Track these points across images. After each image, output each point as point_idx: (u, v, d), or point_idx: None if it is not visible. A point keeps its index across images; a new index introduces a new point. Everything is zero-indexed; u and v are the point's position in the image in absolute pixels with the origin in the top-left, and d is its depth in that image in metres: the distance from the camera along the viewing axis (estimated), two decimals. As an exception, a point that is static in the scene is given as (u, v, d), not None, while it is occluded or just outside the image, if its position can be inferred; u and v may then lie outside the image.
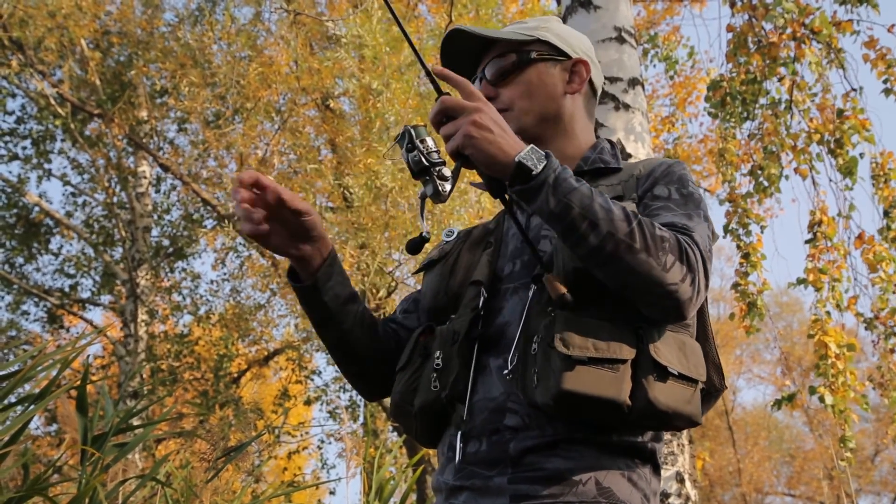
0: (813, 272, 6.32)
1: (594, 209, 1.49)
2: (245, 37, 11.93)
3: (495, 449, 1.59)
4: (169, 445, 11.76)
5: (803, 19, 6.43)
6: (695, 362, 1.59)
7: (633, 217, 1.51)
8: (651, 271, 1.48)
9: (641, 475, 1.60)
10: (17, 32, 12.24)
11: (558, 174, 1.50)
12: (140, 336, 13.77)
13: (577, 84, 1.85)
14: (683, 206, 1.65)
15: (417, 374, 1.72)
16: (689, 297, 1.51)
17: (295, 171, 12.75)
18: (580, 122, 1.87)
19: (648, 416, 1.52)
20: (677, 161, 1.76)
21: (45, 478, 3.02)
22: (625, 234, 1.48)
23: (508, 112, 1.79)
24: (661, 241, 1.50)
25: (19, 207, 15.07)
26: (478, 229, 1.87)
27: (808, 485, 28.13)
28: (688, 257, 1.52)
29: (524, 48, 1.84)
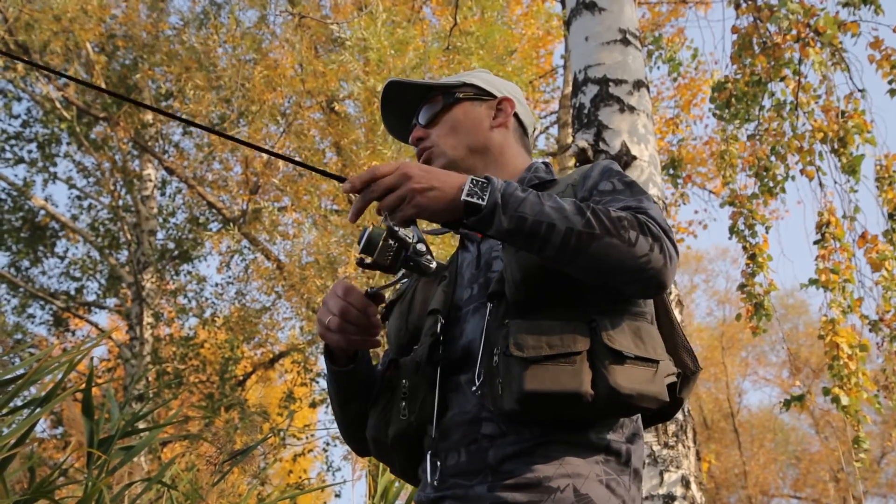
0: (825, 272, 6.30)
1: (546, 212, 1.53)
2: (250, 40, 11.95)
3: (475, 458, 1.62)
4: (174, 448, 11.77)
5: (808, 20, 6.42)
6: (651, 344, 1.62)
7: (586, 207, 1.56)
8: (620, 250, 1.53)
9: (620, 482, 1.62)
10: (22, 36, 12.27)
11: (504, 193, 1.55)
12: (145, 339, 13.78)
13: (502, 118, 1.95)
14: (630, 193, 1.71)
15: (388, 407, 1.77)
16: (662, 265, 1.56)
17: (300, 174, 12.76)
18: (511, 151, 1.96)
19: (614, 402, 1.54)
20: (609, 161, 1.84)
21: (51, 481, 3.03)
22: (583, 225, 1.52)
23: (435, 148, 1.91)
24: (618, 221, 1.54)
25: (25, 211, 15.09)
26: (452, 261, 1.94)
27: (813, 487, 28.07)
28: (649, 228, 1.56)
29: (451, 91, 1.96)
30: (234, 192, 13.47)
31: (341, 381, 1.83)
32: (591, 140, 4.55)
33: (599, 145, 4.52)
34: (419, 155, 1.93)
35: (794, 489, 28.93)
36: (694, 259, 28.82)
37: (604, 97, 4.65)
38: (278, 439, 13.30)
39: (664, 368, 1.62)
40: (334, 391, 1.85)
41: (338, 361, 1.81)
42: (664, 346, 1.67)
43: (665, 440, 4.13)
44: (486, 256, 1.80)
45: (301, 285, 11.40)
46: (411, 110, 2.00)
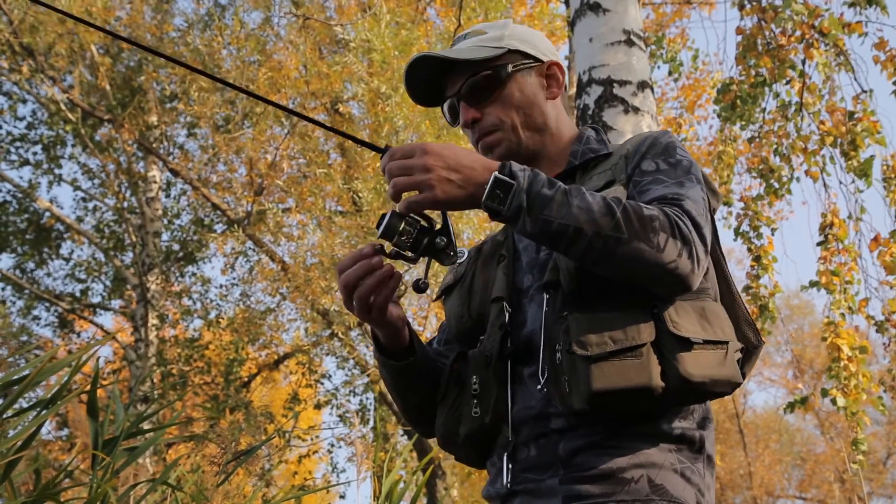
0: (825, 274, 6.30)
1: (573, 214, 1.47)
2: (254, 41, 11.96)
3: (545, 452, 1.59)
4: (179, 449, 11.78)
5: (812, 21, 6.41)
6: (719, 325, 1.57)
7: (617, 205, 1.49)
8: (646, 255, 1.47)
9: (695, 470, 1.58)
10: (27, 38, 12.30)
11: (530, 193, 1.48)
12: (150, 340, 13.79)
13: (555, 89, 1.83)
14: (673, 175, 1.64)
15: (458, 403, 1.72)
16: (689, 271, 1.50)
17: (304, 176, 12.77)
18: (562, 121, 1.85)
19: (686, 392, 1.51)
20: (663, 131, 1.75)
21: (56, 482, 3.03)
22: (611, 229, 1.47)
23: (499, 132, 1.78)
24: (649, 222, 1.48)
25: (30, 213, 15.12)
26: (487, 244, 1.86)
27: (819, 488, 28.01)
28: (680, 230, 1.50)
29: (497, 62, 1.79)
30: (239, 193, 13.48)
31: (399, 375, 1.76)
32: (595, 141, 4.54)
33: (604, 146, 4.52)
34: (477, 139, 1.80)
35: (800, 490, 28.88)
36: (698, 260, 28.77)
37: (608, 98, 4.65)
38: (283, 440, 13.31)
39: (734, 347, 1.56)
40: (392, 384, 1.79)
41: (393, 354, 1.74)
42: (731, 323, 1.62)
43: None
44: None
45: (306, 287, 11.41)
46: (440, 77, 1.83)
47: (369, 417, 14.84)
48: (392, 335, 1.70)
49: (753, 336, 1.75)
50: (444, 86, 1.83)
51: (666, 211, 1.52)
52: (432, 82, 1.83)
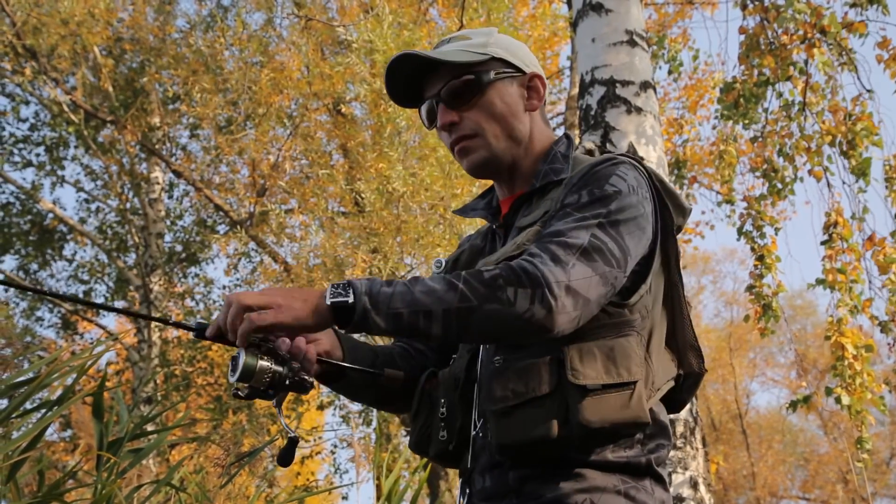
0: (831, 272, 6.29)
1: (418, 300, 1.47)
2: (257, 43, 11.96)
3: (498, 482, 1.63)
4: (182, 451, 11.79)
5: (815, 21, 6.41)
6: (626, 365, 1.56)
7: (457, 279, 1.48)
8: (500, 314, 1.46)
9: (641, 488, 1.59)
10: (30, 40, 12.31)
11: (370, 293, 1.48)
12: (153, 342, 13.80)
13: (535, 101, 1.82)
14: (586, 210, 1.60)
15: (428, 423, 1.75)
16: (545, 315, 1.48)
17: (307, 177, 12.77)
18: (538, 135, 1.83)
19: (590, 437, 1.53)
20: (612, 158, 1.71)
21: (61, 483, 3.03)
22: (459, 301, 1.46)
23: (478, 137, 1.77)
24: (493, 282, 1.47)
25: (33, 214, 15.13)
26: (465, 253, 1.87)
27: (822, 488, 28.00)
28: (527, 276, 1.48)
29: (479, 68, 1.77)
30: (242, 194, 13.49)
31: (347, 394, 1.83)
32: (598, 141, 4.55)
33: (606, 146, 4.52)
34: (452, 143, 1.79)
35: (803, 490, 28.87)
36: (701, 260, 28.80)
37: (611, 98, 4.65)
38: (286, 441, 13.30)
39: (642, 387, 1.57)
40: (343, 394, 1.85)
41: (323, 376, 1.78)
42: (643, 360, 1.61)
43: (673, 441, 4.13)
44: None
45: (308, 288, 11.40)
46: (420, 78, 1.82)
47: (372, 418, 14.84)
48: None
49: (697, 363, 1.76)
50: (424, 87, 1.81)
51: (511, 264, 1.50)
52: (413, 82, 1.82)
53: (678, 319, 1.74)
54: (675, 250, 1.73)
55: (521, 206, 1.79)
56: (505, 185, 1.84)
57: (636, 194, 1.64)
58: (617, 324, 1.61)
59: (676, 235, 1.75)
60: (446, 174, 9.70)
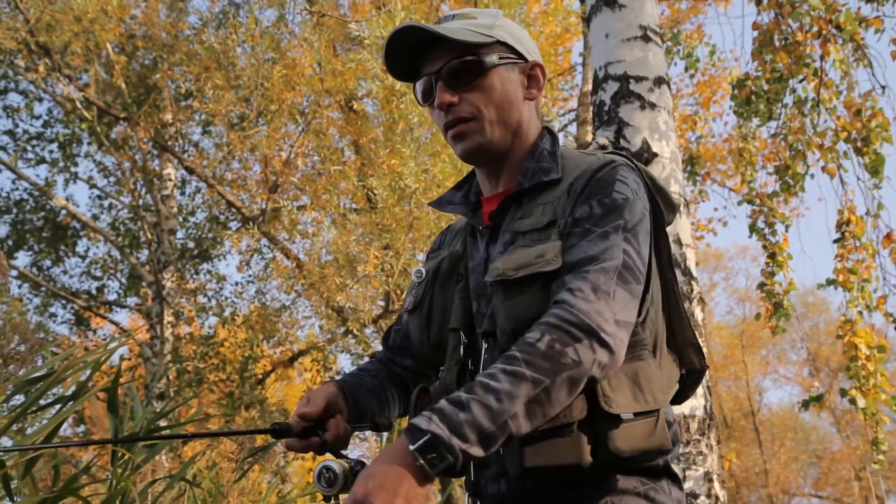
0: (842, 272, 6.26)
1: (499, 410, 1.38)
2: (269, 39, 11.97)
3: (514, 487, 1.61)
4: (195, 446, 11.82)
5: (830, 17, 6.37)
6: (650, 390, 1.56)
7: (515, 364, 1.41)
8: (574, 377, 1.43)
9: (659, 489, 1.60)
10: (43, 37, 12.35)
11: (458, 435, 1.37)
12: (166, 338, 13.85)
13: (535, 90, 1.77)
14: (602, 223, 1.57)
15: None
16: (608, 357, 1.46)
17: (319, 173, 12.78)
18: (533, 125, 1.78)
19: (615, 464, 1.53)
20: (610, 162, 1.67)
21: (76, 479, 3.05)
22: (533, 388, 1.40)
23: (474, 121, 1.71)
24: (551, 352, 1.42)
25: (46, 211, 15.20)
26: (445, 261, 1.79)
27: (835, 486, 27.92)
28: (577, 328, 1.44)
29: (483, 50, 1.71)
30: (254, 191, 13.52)
31: None
32: (611, 137, 4.54)
33: (620, 142, 4.51)
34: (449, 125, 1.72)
35: (816, 488, 28.79)
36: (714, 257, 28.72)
37: (624, 94, 4.63)
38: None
39: (664, 414, 1.57)
40: None
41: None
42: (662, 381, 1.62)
43: (688, 437, 4.12)
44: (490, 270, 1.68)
45: (321, 284, 11.42)
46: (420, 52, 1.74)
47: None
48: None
49: (697, 360, 1.75)
50: (424, 62, 1.74)
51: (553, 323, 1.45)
52: (413, 56, 1.75)
53: (675, 318, 1.72)
54: (668, 247, 1.72)
55: (511, 205, 1.72)
56: (491, 177, 1.79)
57: (640, 199, 1.63)
58: (632, 343, 1.58)
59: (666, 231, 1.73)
60: (458, 170, 9.69)
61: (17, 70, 13.91)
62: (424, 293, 1.78)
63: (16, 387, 3.17)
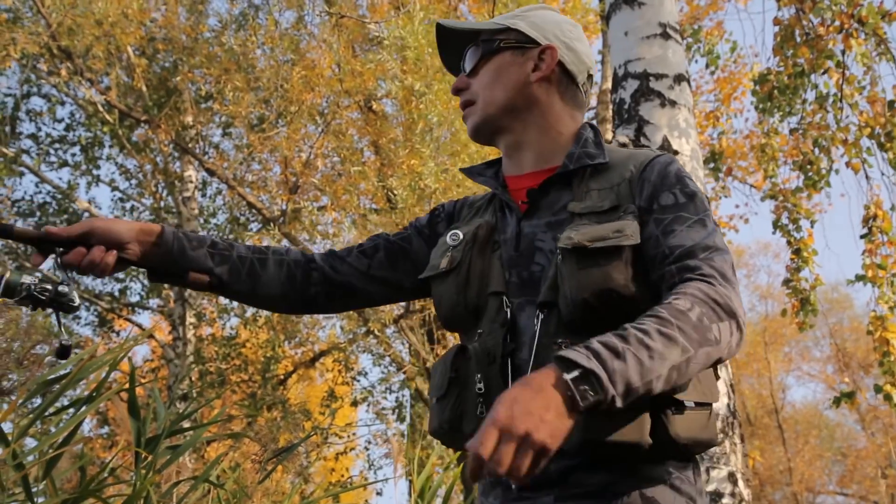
0: (871, 268, 6.20)
1: (650, 368, 1.36)
2: (288, 41, 12.00)
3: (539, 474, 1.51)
4: (218, 447, 11.87)
5: (851, 11, 6.32)
6: (708, 384, 1.58)
7: (672, 328, 1.40)
8: (713, 354, 1.44)
9: (684, 478, 1.58)
10: (65, 41, 12.43)
11: (613, 381, 1.33)
12: (188, 339, 13.91)
13: (542, 71, 1.78)
14: (693, 210, 1.61)
15: (460, 400, 1.66)
16: (740, 339, 1.50)
17: (339, 174, 12.81)
18: (554, 110, 1.79)
19: (669, 450, 1.53)
20: (665, 156, 1.71)
21: (99, 480, 3.06)
22: (681, 356, 1.39)
23: (475, 104, 1.80)
24: (700, 324, 1.42)
25: (69, 213, 15.29)
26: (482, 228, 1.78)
27: (860, 483, 27.71)
28: (723, 308, 1.47)
29: (488, 36, 1.81)
30: (274, 192, 13.56)
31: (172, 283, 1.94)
32: (631, 135, 4.51)
33: (640, 140, 4.49)
34: (461, 107, 1.84)
35: (840, 486, 28.58)
36: (735, 254, 28.56)
37: (644, 92, 4.61)
38: (320, 438, 13.37)
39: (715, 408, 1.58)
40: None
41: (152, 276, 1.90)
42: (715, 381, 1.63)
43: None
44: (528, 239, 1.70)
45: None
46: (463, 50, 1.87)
47: (405, 414, 14.87)
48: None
49: None
50: None
51: (700, 297, 1.46)
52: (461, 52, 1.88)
53: None
54: None
55: (552, 186, 1.74)
56: (512, 157, 1.83)
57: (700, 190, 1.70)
58: None
59: None
60: (478, 170, 9.67)
61: (40, 74, 14.01)
62: (463, 256, 1.76)
63: (36, 387, 3.18)
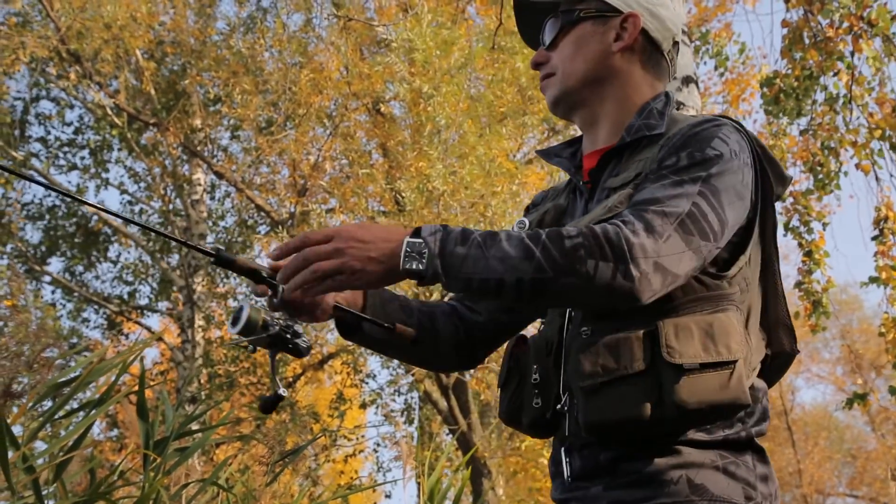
0: (885, 269, 6.18)
1: (491, 266, 1.41)
2: (296, 44, 12.02)
3: (589, 462, 1.57)
4: (227, 450, 11.88)
5: (860, 13, 6.30)
6: (725, 342, 1.49)
7: (536, 244, 1.41)
8: (576, 287, 1.41)
9: (741, 463, 1.53)
10: (74, 45, 12.46)
11: (442, 256, 1.43)
12: (197, 342, 13.93)
13: (625, 40, 1.71)
14: (682, 172, 1.53)
15: (519, 390, 1.68)
16: (629, 288, 1.41)
17: (347, 176, 12.81)
18: (634, 80, 1.73)
19: (685, 418, 1.47)
20: (714, 120, 1.62)
21: (108, 482, 3.06)
22: (533, 272, 1.40)
23: (554, 77, 1.74)
24: (573, 252, 1.40)
25: (78, 217, 15.33)
26: (549, 213, 1.77)
27: (870, 485, 27.59)
28: (611, 247, 1.40)
29: (567, 7, 1.74)
30: (282, 194, 13.56)
31: (370, 346, 1.80)
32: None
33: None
34: (541, 80, 1.77)
35: (850, 487, 28.47)
36: (744, 256, 28.47)
37: (652, 93, 4.60)
38: (329, 440, 13.37)
39: (742, 366, 1.49)
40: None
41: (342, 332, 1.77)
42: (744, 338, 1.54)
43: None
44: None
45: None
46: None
47: (414, 417, 14.87)
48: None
49: (788, 343, 1.69)
50: None
51: (594, 231, 1.42)
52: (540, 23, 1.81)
53: (771, 294, 1.66)
54: (773, 221, 1.66)
55: (610, 161, 1.70)
56: (589, 133, 1.78)
57: (737, 159, 1.57)
58: (715, 297, 1.53)
59: (775, 205, 1.68)
60: (486, 172, 9.68)
61: (49, 78, 14.05)
62: None
63: (46, 390, 3.19)
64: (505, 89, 10.62)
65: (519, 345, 1.71)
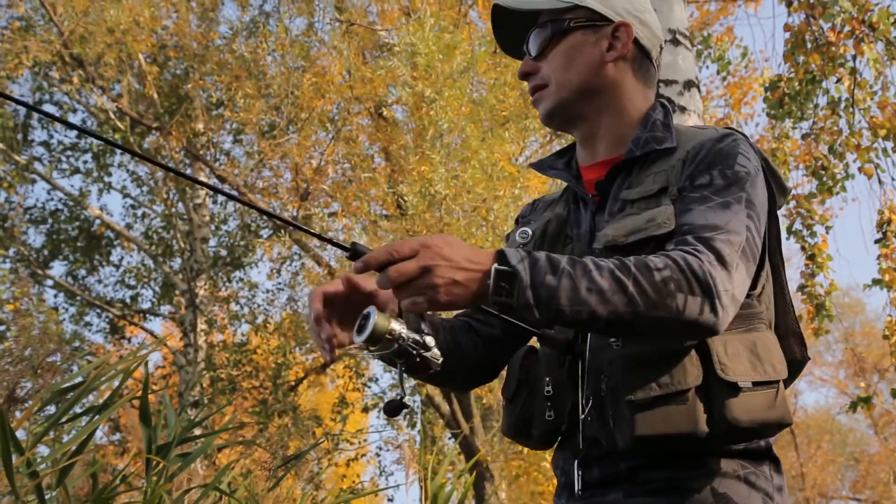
0: (888, 272, 6.18)
1: (583, 299, 1.37)
2: (298, 48, 12.03)
3: (608, 471, 1.56)
4: (230, 454, 11.89)
5: (862, 16, 6.30)
6: (770, 361, 1.51)
7: (627, 276, 1.38)
8: (666, 322, 1.40)
9: (760, 473, 1.54)
10: (77, 49, 12.48)
11: (534, 287, 1.36)
12: (199, 346, 13.93)
13: (618, 50, 1.69)
14: (724, 193, 1.52)
15: (529, 402, 1.66)
16: (713, 323, 1.41)
17: (349, 180, 12.82)
18: (628, 90, 1.71)
19: (734, 436, 1.48)
20: (729, 133, 1.63)
21: (111, 487, 3.06)
22: (625, 305, 1.37)
23: (547, 88, 1.70)
24: (664, 287, 1.38)
25: (81, 220, 15.35)
26: (552, 223, 1.75)
27: (873, 489, 27.56)
28: (698, 282, 1.40)
29: (562, 17, 1.70)
30: (285, 198, 13.57)
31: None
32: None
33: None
34: (530, 93, 1.74)
35: (853, 491, 28.44)
36: (747, 259, 28.45)
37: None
38: (331, 444, 13.37)
39: (783, 385, 1.51)
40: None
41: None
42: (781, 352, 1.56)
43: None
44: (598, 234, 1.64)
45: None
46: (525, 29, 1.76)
47: (416, 421, 14.86)
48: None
49: (799, 351, 1.69)
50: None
51: (680, 264, 1.41)
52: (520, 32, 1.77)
53: (780, 304, 1.66)
54: (777, 231, 1.67)
55: (619, 174, 1.68)
56: (586, 145, 1.75)
57: (759, 175, 1.59)
58: (747, 315, 1.55)
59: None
60: (489, 176, 9.68)
61: (52, 82, 14.08)
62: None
63: (50, 395, 3.19)
64: (507, 93, 10.63)
65: (528, 356, 1.70)
